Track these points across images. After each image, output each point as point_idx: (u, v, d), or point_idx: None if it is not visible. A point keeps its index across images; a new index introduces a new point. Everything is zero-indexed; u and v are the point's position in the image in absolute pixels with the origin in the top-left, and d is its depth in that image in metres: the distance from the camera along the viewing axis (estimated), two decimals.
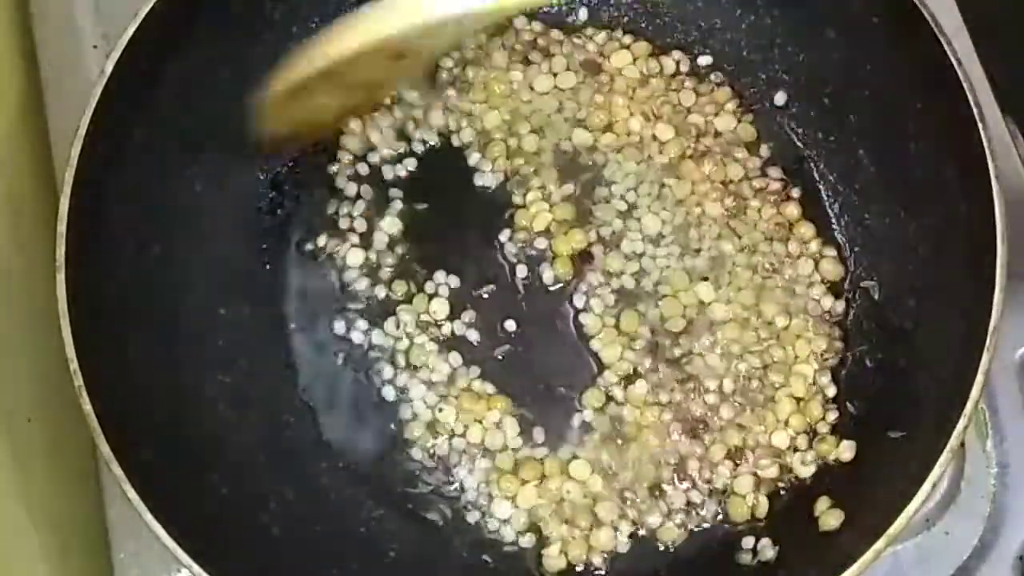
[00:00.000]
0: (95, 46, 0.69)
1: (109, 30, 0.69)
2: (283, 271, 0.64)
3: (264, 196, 0.65)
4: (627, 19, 0.70)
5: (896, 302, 0.60)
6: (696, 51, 0.68)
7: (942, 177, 0.57)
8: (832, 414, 0.60)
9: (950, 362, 0.53)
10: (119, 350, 0.54)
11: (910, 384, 0.57)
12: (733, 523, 0.58)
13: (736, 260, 0.63)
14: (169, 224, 0.60)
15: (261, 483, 0.58)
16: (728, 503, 0.59)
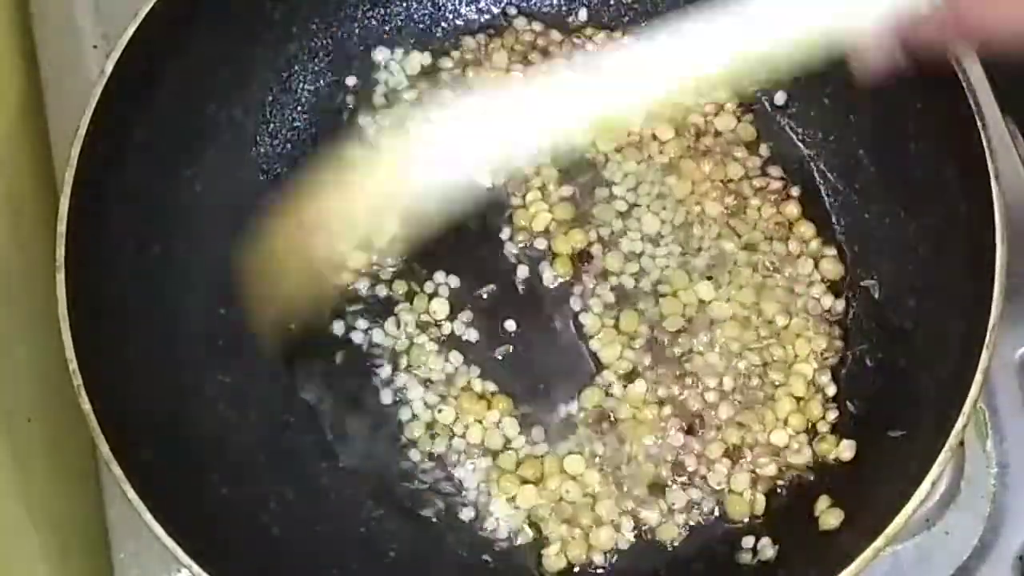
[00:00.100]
0: (95, 46, 0.69)
1: (109, 30, 0.69)
2: None
3: (264, 196, 0.65)
4: (627, 19, 0.69)
5: (896, 302, 0.60)
6: None
7: (942, 177, 0.57)
8: (832, 413, 0.60)
9: (950, 362, 0.53)
10: (119, 350, 0.54)
11: (910, 384, 0.57)
12: (732, 521, 0.58)
13: (736, 259, 0.63)
14: (169, 224, 0.60)
15: (261, 483, 0.58)
16: (727, 501, 0.59)
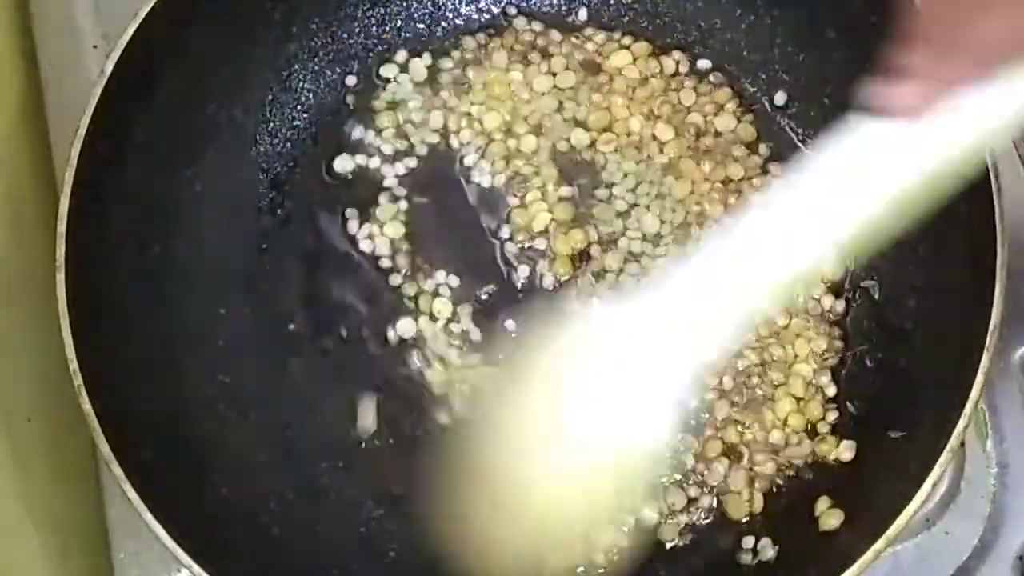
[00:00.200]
0: (95, 46, 0.69)
1: (109, 30, 0.69)
2: (283, 271, 0.64)
3: (264, 196, 0.65)
4: (627, 19, 0.69)
5: (896, 302, 0.60)
6: (696, 51, 0.68)
7: None
8: (832, 414, 0.60)
9: (950, 362, 0.53)
10: (119, 350, 0.54)
11: (910, 384, 0.57)
12: (732, 521, 0.58)
13: None
14: (169, 224, 0.60)
15: (261, 483, 0.58)
16: (726, 500, 0.59)
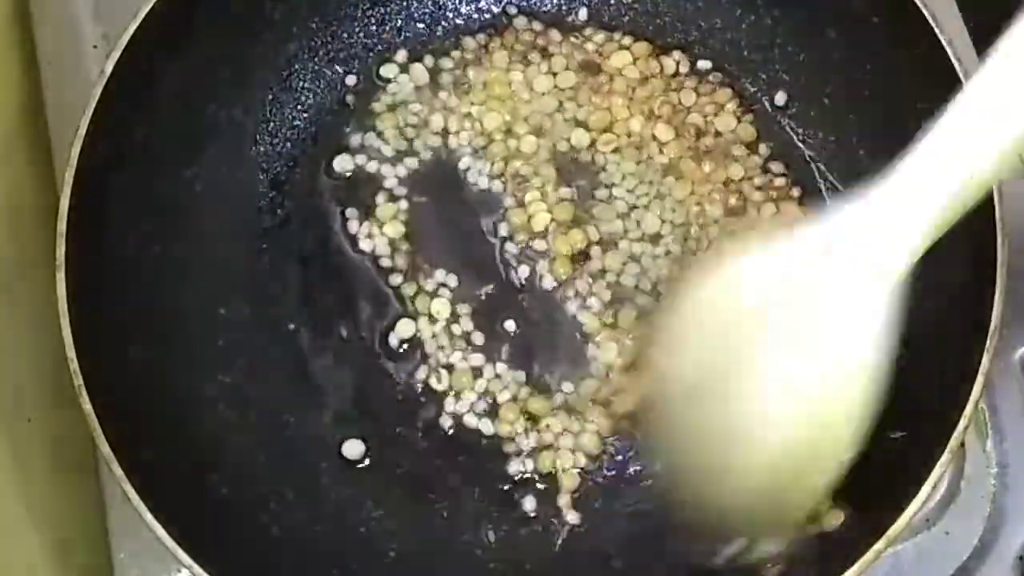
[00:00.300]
0: (95, 46, 0.69)
1: (109, 30, 0.69)
2: (283, 271, 0.64)
3: (264, 196, 0.65)
4: (627, 19, 0.69)
5: None
6: (696, 51, 0.68)
7: None
8: None
9: (950, 363, 0.52)
10: (119, 350, 0.54)
11: (910, 384, 0.57)
12: None
13: None
14: (169, 224, 0.60)
15: (261, 483, 0.58)
16: None
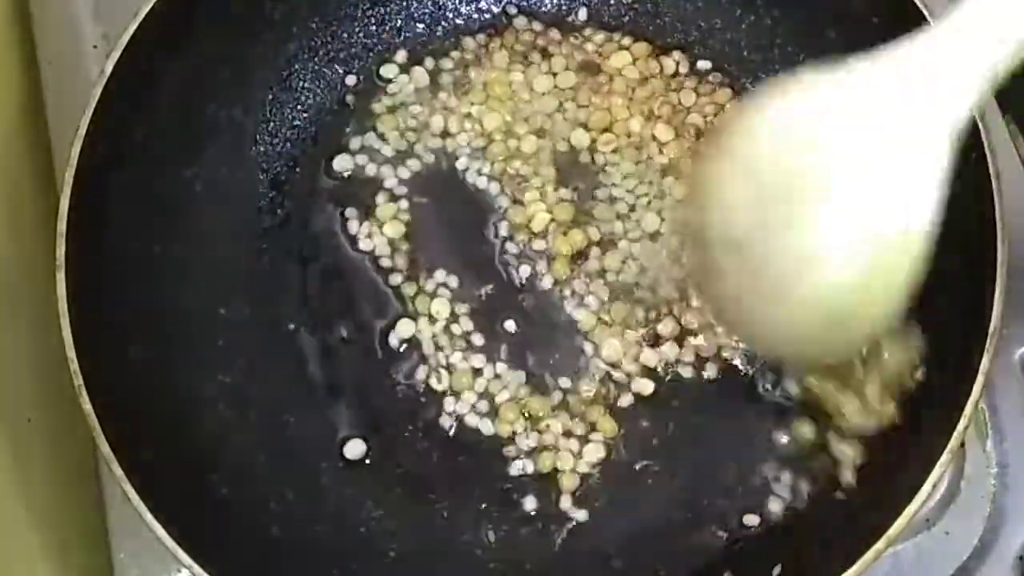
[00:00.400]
0: (95, 46, 0.69)
1: (109, 30, 0.69)
2: (283, 271, 0.64)
3: (264, 196, 0.65)
4: (627, 19, 0.69)
5: None
6: (696, 51, 0.68)
7: None
8: None
9: (950, 363, 0.53)
10: (119, 350, 0.54)
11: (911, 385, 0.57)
12: None
13: None
14: (169, 224, 0.60)
15: (261, 483, 0.58)
16: None
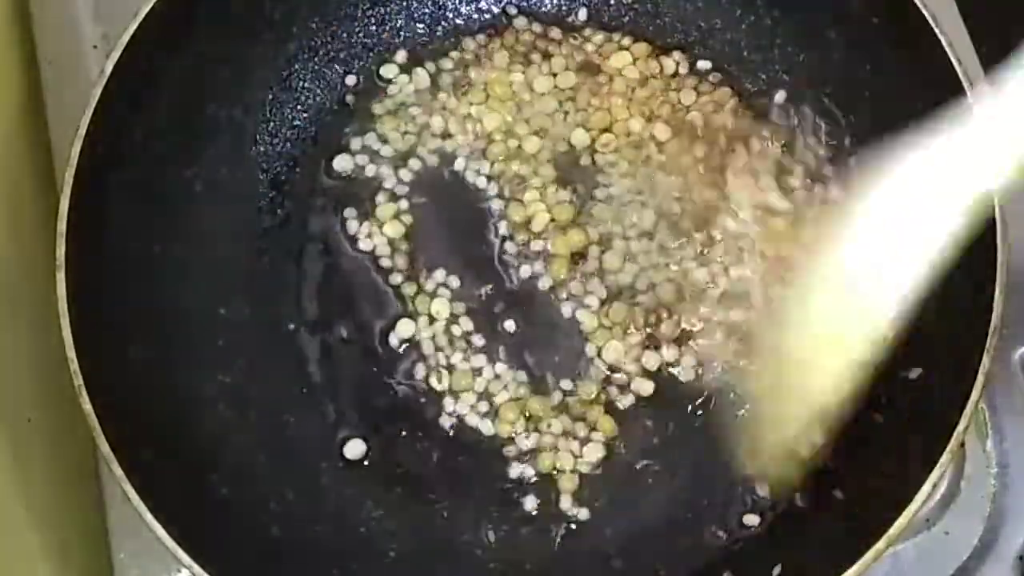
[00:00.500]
0: (95, 46, 0.69)
1: (109, 30, 0.69)
2: (283, 271, 0.64)
3: (264, 196, 0.65)
4: (627, 19, 0.69)
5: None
6: (696, 51, 0.68)
7: None
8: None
9: (950, 363, 0.53)
10: (119, 350, 0.54)
11: (910, 385, 0.57)
12: None
13: None
14: (169, 224, 0.60)
15: (261, 483, 0.58)
16: None
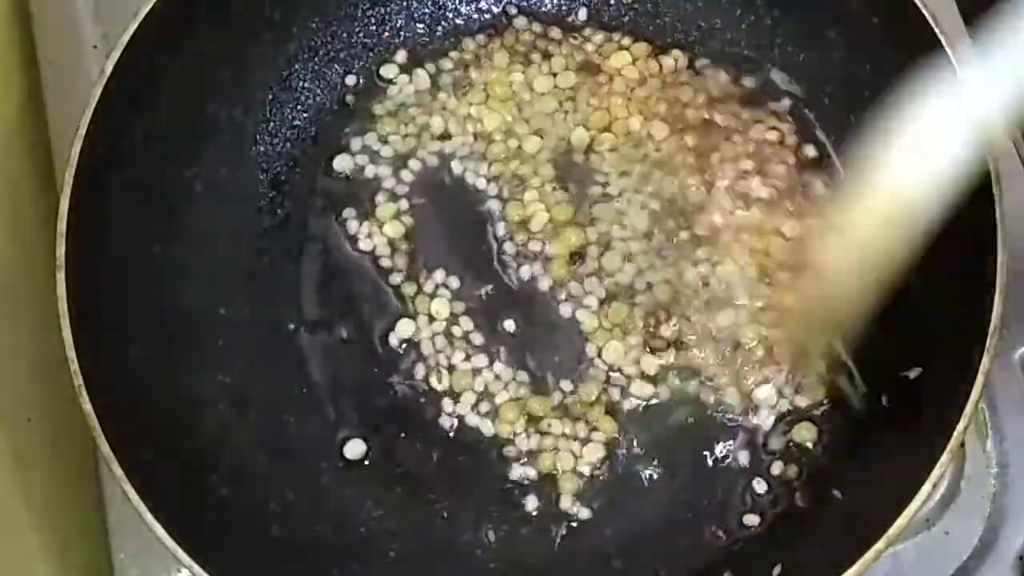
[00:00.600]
0: (95, 46, 0.69)
1: (109, 30, 0.69)
2: (283, 271, 0.64)
3: (264, 196, 0.65)
4: (627, 19, 0.69)
5: (896, 302, 0.60)
6: (696, 51, 0.68)
7: None
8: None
9: (950, 363, 0.53)
10: (119, 350, 0.54)
11: (910, 384, 0.57)
12: None
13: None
14: (169, 224, 0.60)
15: (261, 483, 0.58)
16: None
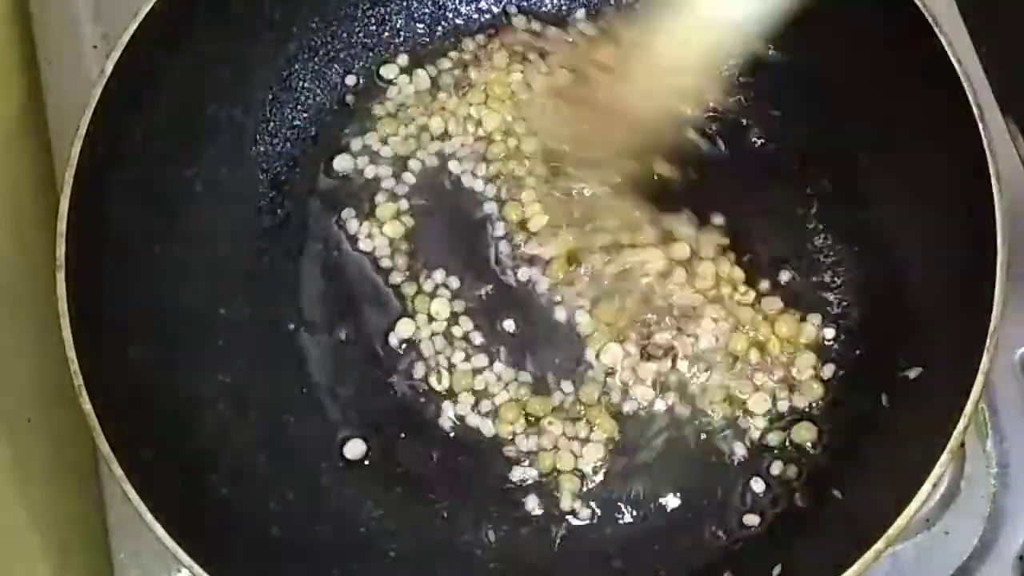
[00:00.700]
0: (95, 46, 0.69)
1: (109, 30, 0.69)
2: (283, 271, 0.64)
3: (264, 196, 0.65)
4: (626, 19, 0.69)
5: (896, 302, 0.60)
6: None
7: (942, 178, 0.57)
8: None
9: (951, 363, 0.53)
10: (119, 350, 0.54)
11: (911, 385, 0.57)
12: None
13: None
14: (169, 224, 0.60)
15: (261, 483, 0.58)
16: None
